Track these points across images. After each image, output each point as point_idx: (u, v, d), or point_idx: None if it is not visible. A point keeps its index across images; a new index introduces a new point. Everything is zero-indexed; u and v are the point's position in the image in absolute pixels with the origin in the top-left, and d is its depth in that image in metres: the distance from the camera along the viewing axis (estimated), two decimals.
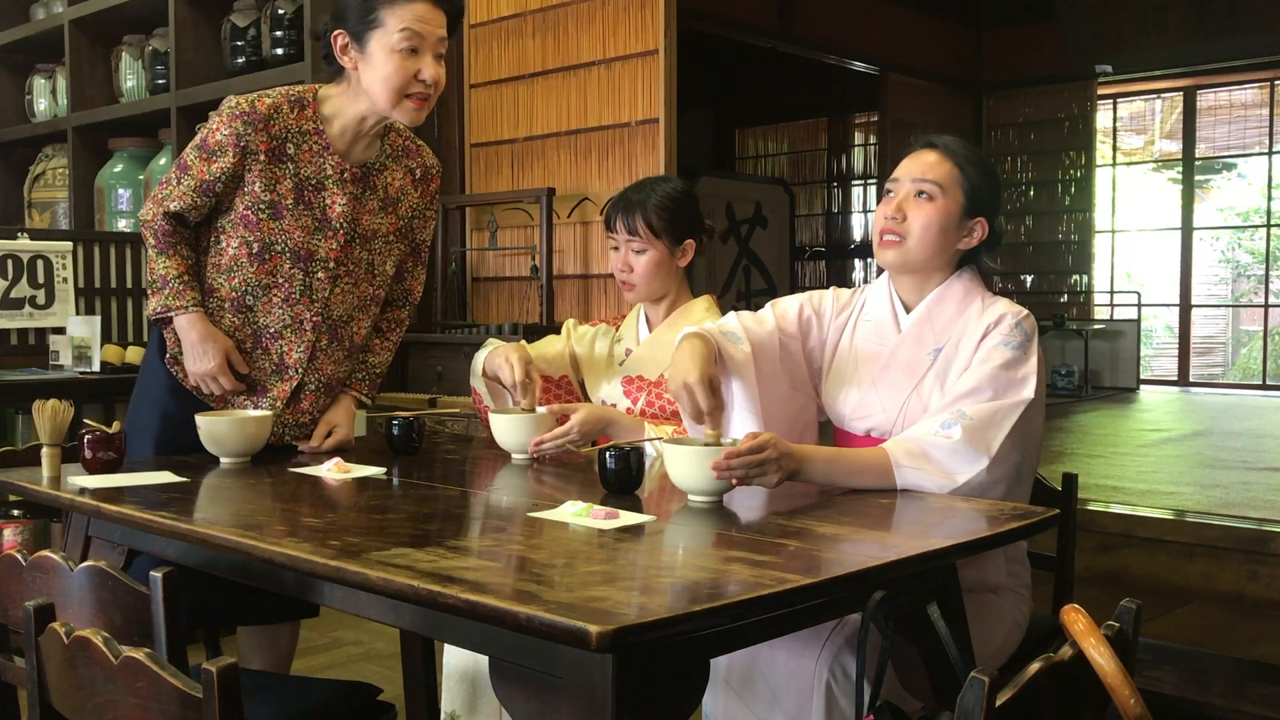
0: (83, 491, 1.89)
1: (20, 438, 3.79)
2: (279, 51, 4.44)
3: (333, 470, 2.06)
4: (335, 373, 2.43)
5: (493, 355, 2.32)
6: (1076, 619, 1.22)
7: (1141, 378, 9.78)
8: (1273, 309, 10.40)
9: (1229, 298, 11.09)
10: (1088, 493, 4.01)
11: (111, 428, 2.07)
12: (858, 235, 10.95)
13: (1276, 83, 9.89)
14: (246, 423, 2.19)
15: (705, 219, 2.48)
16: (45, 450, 2.03)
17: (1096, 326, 9.70)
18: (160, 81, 4.94)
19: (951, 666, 1.60)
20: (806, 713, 1.79)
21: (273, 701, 1.86)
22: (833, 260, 11.06)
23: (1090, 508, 3.62)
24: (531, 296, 4.80)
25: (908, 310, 2.06)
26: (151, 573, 1.38)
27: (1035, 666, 1.12)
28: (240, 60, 4.64)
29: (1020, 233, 10.34)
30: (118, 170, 5.14)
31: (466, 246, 5.10)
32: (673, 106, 4.36)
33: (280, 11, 4.43)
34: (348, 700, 1.91)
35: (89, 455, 2.02)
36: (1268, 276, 10.45)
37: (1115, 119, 10.85)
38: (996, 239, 2.06)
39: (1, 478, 2.06)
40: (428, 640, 2.44)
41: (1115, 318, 10.21)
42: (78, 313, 4.31)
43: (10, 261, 4.17)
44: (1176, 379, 10.44)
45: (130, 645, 1.18)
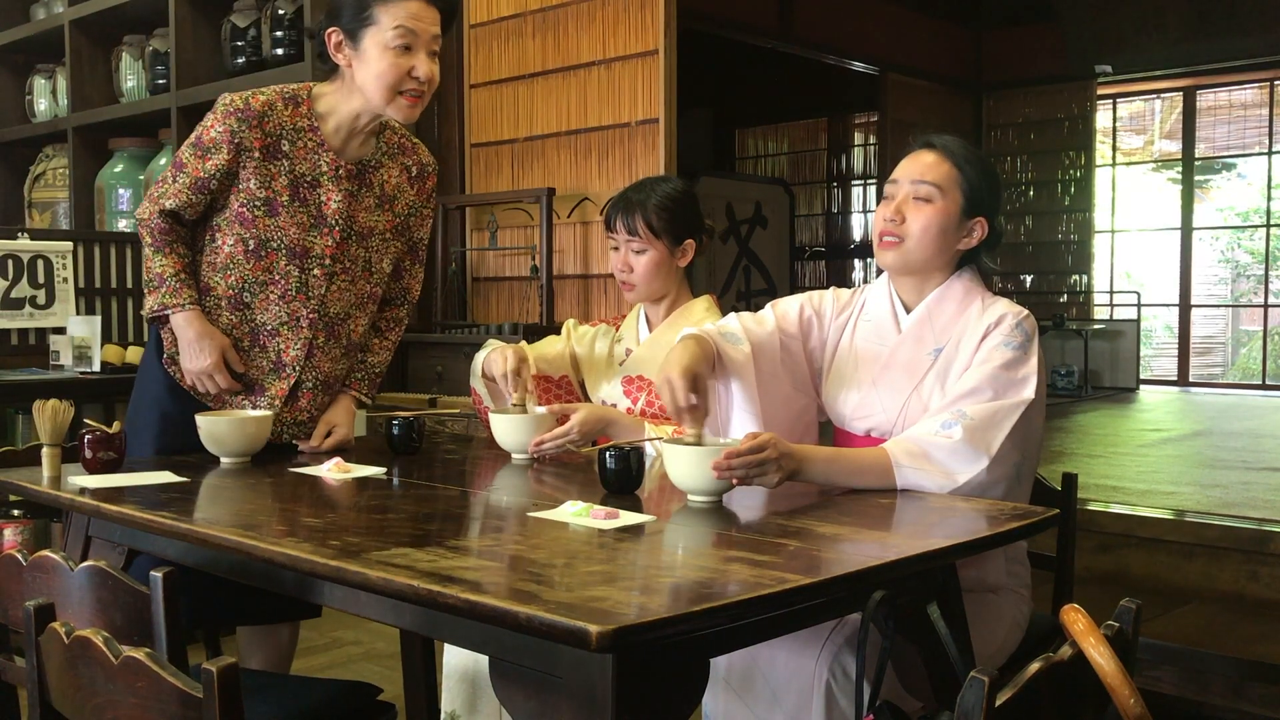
0: (83, 491, 1.89)
1: (20, 438, 3.79)
2: (279, 51, 4.44)
3: (333, 470, 2.06)
4: (333, 371, 2.43)
5: (491, 355, 2.33)
6: (1076, 619, 1.22)
7: (1141, 378, 9.79)
8: (1272, 309, 10.40)
9: (1229, 298, 11.09)
10: (1088, 493, 4.01)
11: (111, 428, 2.07)
12: (858, 235, 10.95)
13: (1276, 83, 9.90)
14: (246, 423, 2.19)
15: (705, 219, 2.48)
16: (45, 450, 2.03)
17: (1096, 326, 9.70)
18: (160, 81, 4.95)
19: (951, 666, 1.60)
20: (806, 713, 1.79)
21: (273, 701, 1.86)
22: (833, 260, 11.06)
23: (1090, 508, 3.62)
24: (531, 296, 4.80)
25: (908, 310, 2.06)
26: (151, 573, 1.38)
27: (1035, 666, 1.12)
28: (240, 60, 4.64)
29: (1020, 233, 10.35)
30: (118, 170, 5.14)
31: (466, 246, 5.10)
32: (673, 106, 4.36)
33: (280, 11, 4.43)
34: (348, 700, 1.91)
35: (89, 455, 2.02)
36: (1267, 276, 10.45)
37: (1115, 119, 10.85)
38: (996, 238, 2.05)
39: (1, 478, 2.06)
40: (428, 640, 2.44)
41: (1115, 318, 10.21)
42: (78, 313, 4.31)
43: (10, 261, 4.17)
44: (1176, 379, 10.44)
45: (130, 645, 1.18)
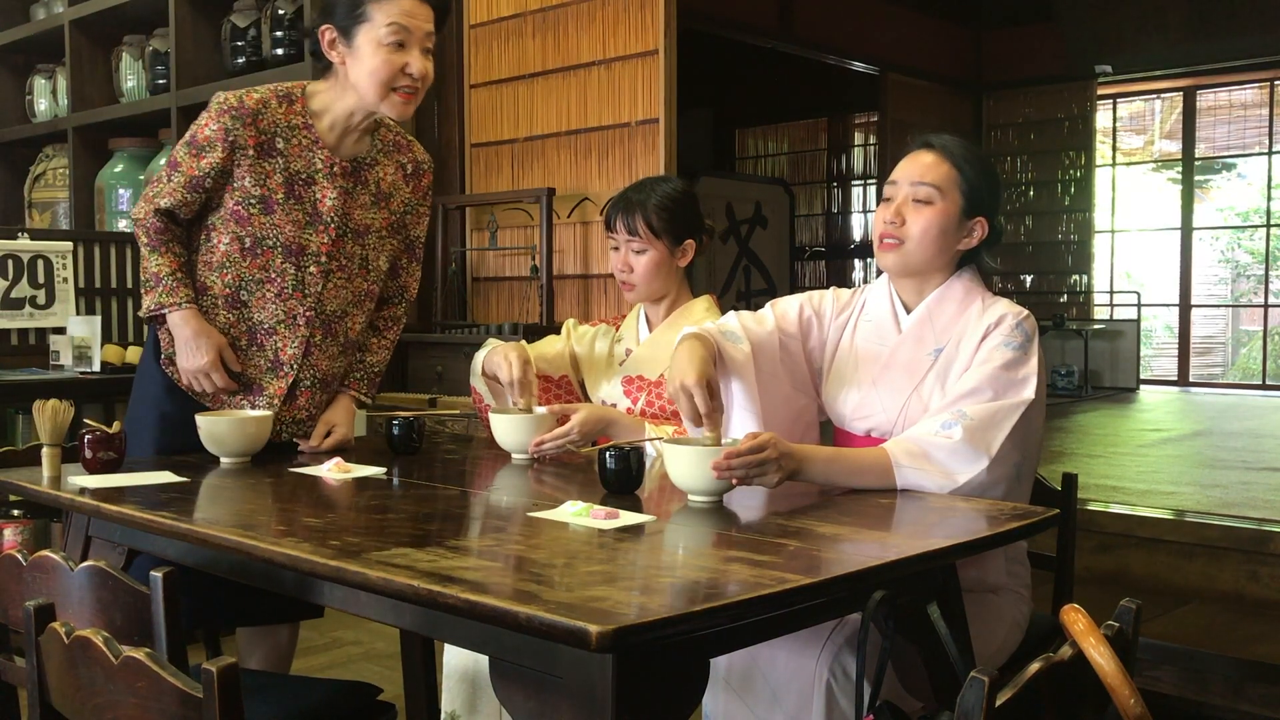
0: (83, 491, 1.89)
1: (20, 438, 3.79)
2: (279, 51, 4.45)
3: (333, 470, 2.06)
4: (330, 369, 2.43)
5: (492, 354, 2.33)
6: (1076, 619, 1.22)
7: (1141, 378, 9.78)
8: (1272, 309, 10.40)
9: (1229, 298, 11.09)
10: (1088, 493, 4.01)
11: (111, 428, 2.07)
12: (858, 235, 10.95)
13: (1276, 83, 9.90)
14: (247, 423, 2.19)
15: (705, 219, 2.48)
16: (45, 450, 2.03)
17: (1096, 326, 9.70)
18: (160, 81, 4.95)
19: (951, 666, 1.60)
20: (806, 713, 1.79)
21: (273, 701, 1.86)
22: (833, 260, 11.06)
23: (1090, 508, 3.63)
24: (531, 296, 4.80)
25: (908, 310, 2.06)
26: (151, 573, 1.38)
27: (1035, 666, 1.12)
28: (240, 60, 4.64)
29: (1020, 233, 10.34)
30: (118, 170, 5.14)
31: (466, 246, 5.10)
32: (673, 106, 4.36)
33: (280, 11, 4.43)
34: (348, 700, 1.91)
35: (89, 455, 2.02)
36: (1267, 276, 10.45)
37: (1115, 119, 10.85)
38: (996, 237, 2.05)
39: (1, 478, 2.06)
40: (428, 640, 2.44)
41: (1115, 318, 10.21)
42: (78, 313, 4.31)
43: (10, 261, 4.17)
44: (1176, 379, 10.44)
45: (130, 645, 1.18)
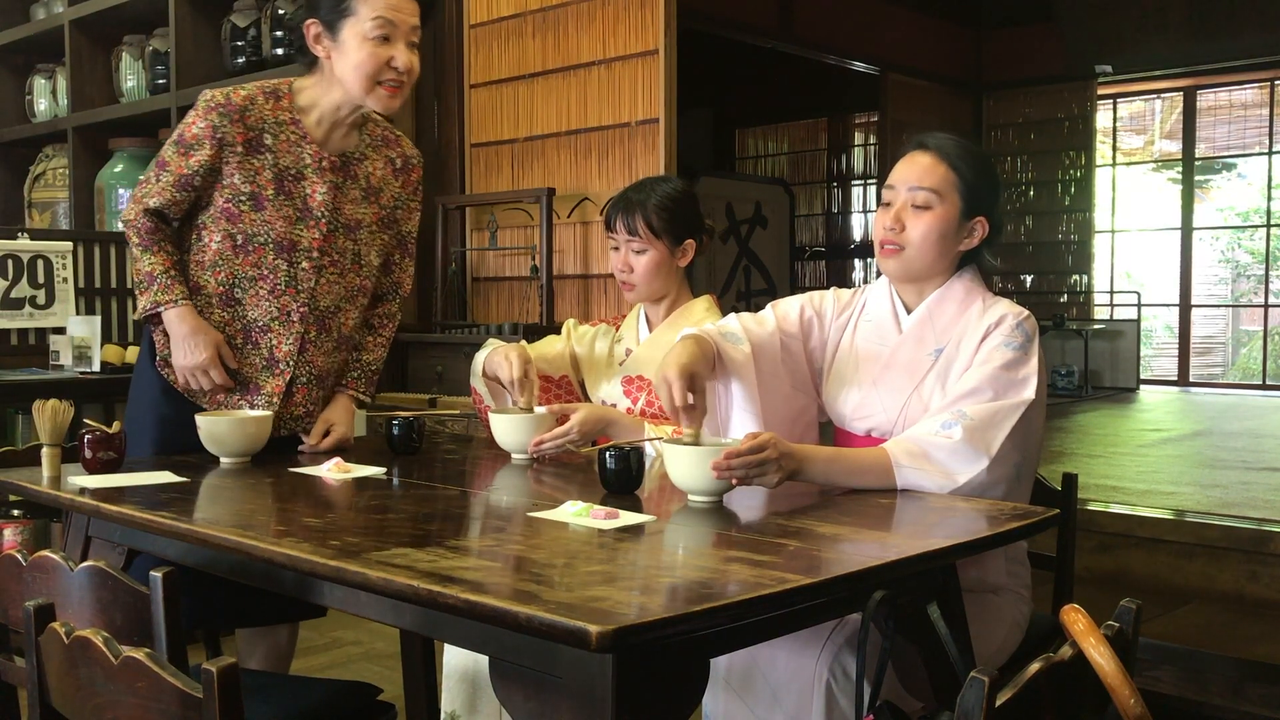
0: (83, 491, 1.89)
1: (20, 438, 3.79)
2: (279, 51, 4.45)
3: (333, 470, 2.06)
4: (326, 365, 2.42)
5: (493, 355, 2.33)
6: (1076, 619, 1.22)
7: (1141, 378, 9.78)
8: (1273, 309, 10.40)
9: (1229, 298, 11.09)
10: (1088, 493, 4.01)
11: (111, 428, 2.07)
12: (858, 235, 10.95)
13: (1276, 83, 9.89)
14: (246, 423, 2.19)
15: (705, 219, 2.48)
16: (45, 450, 2.03)
17: (1096, 326, 9.69)
18: (160, 81, 4.95)
19: (951, 666, 1.60)
20: (806, 713, 1.79)
21: (273, 701, 1.86)
22: (833, 260, 11.06)
23: (1090, 508, 3.62)
24: (531, 296, 4.80)
25: (908, 311, 2.05)
26: (151, 573, 1.38)
27: (1035, 666, 1.12)
28: (240, 60, 4.64)
29: (1020, 233, 10.34)
30: (118, 170, 5.14)
31: (466, 246, 5.10)
32: (673, 106, 4.36)
33: (280, 11, 4.43)
34: (348, 700, 1.91)
35: (89, 455, 2.02)
36: (1267, 276, 10.45)
37: (1115, 119, 10.85)
38: (997, 232, 2.05)
39: (1, 478, 2.06)
40: (428, 640, 2.43)
41: (1115, 318, 10.21)
42: (78, 313, 4.31)
43: (10, 261, 4.17)
44: (1176, 379, 10.44)
45: (130, 645, 1.18)
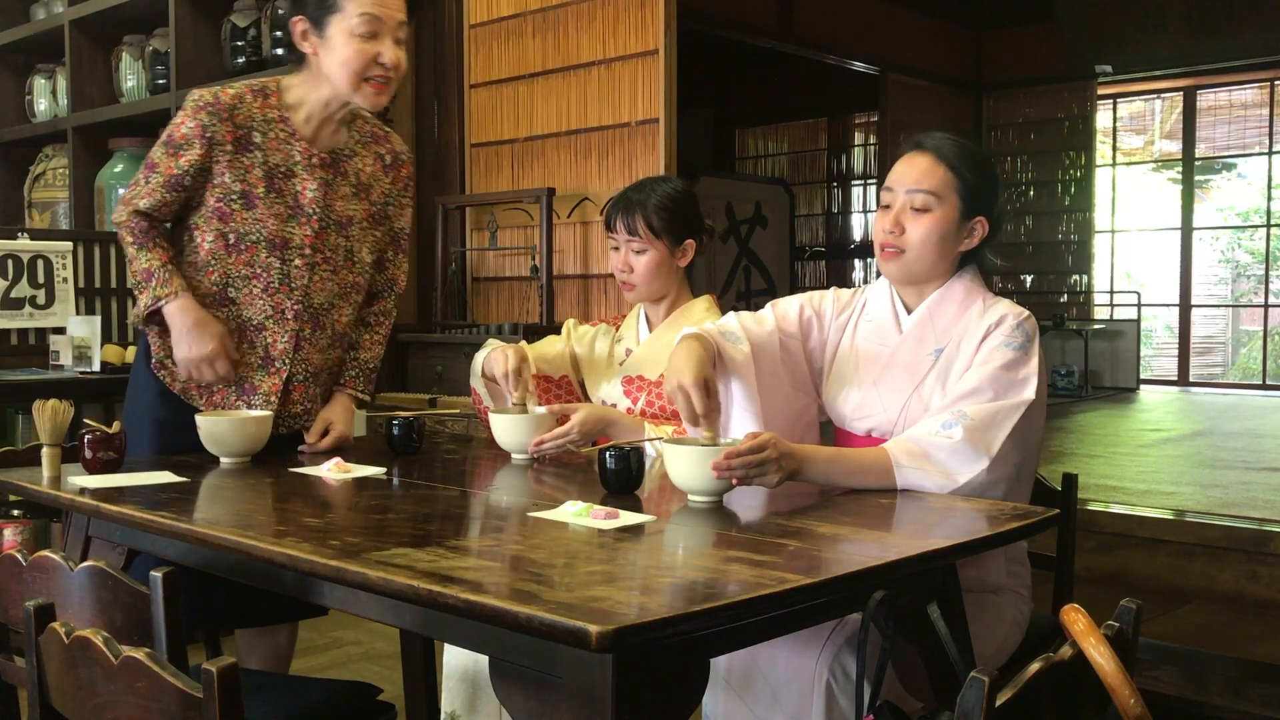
0: (83, 491, 1.89)
1: (20, 438, 3.79)
2: (279, 51, 4.45)
3: (333, 470, 2.06)
4: (321, 362, 2.42)
5: (491, 354, 2.33)
6: (1076, 619, 1.22)
7: (1141, 378, 9.78)
8: (1273, 309, 10.40)
9: (1229, 298, 11.09)
10: (1088, 493, 4.01)
11: (111, 428, 2.07)
12: (858, 235, 10.95)
13: (1276, 83, 9.89)
14: (246, 423, 2.19)
15: (705, 219, 2.48)
16: (45, 450, 2.03)
17: (1096, 326, 9.69)
18: (160, 81, 4.94)
19: (951, 666, 1.60)
20: (806, 713, 1.79)
21: (273, 701, 1.86)
22: (833, 260, 11.06)
23: (1090, 508, 3.62)
24: (531, 296, 4.80)
25: (909, 311, 2.05)
26: (151, 573, 1.38)
27: (1035, 666, 1.12)
28: (240, 60, 4.64)
29: (1020, 233, 10.34)
30: (118, 170, 5.14)
31: (466, 246, 5.10)
32: (673, 106, 4.36)
33: (280, 11, 4.43)
34: (348, 700, 1.91)
35: (89, 455, 2.02)
36: (1267, 276, 10.45)
37: (1115, 119, 10.85)
38: (997, 229, 2.04)
39: (1, 478, 2.06)
40: (428, 640, 2.43)
41: (1115, 318, 10.21)
42: (78, 313, 4.31)
43: (10, 261, 4.17)
44: (1176, 379, 10.44)
45: (130, 645, 1.18)
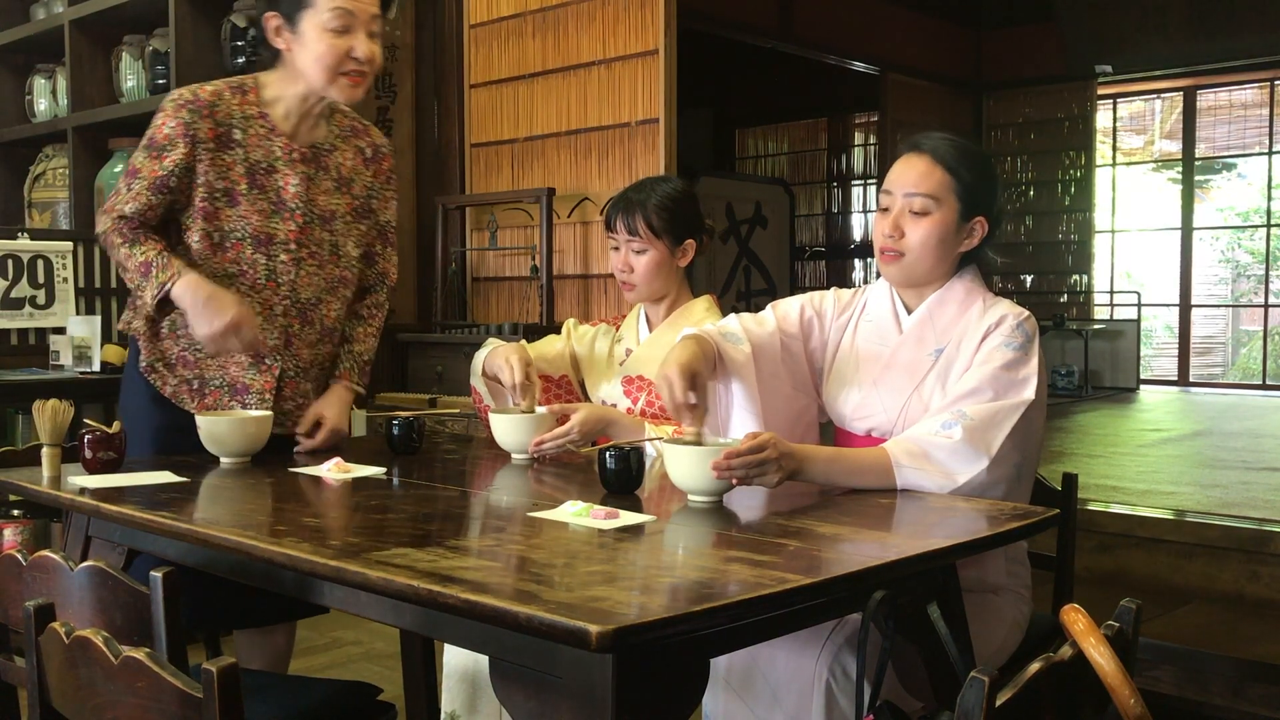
0: (83, 491, 1.89)
1: (20, 438, 3.79)
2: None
3: (333, 470, 2.06)
4: (311, 357, 2.42)
5: (493, 355, 2.32)
6: (1076, 619, 1.22)
7: (1141, 378, 9.78)
8: (1273, 309, 10.40)
9: (1229, 298, 11.09)
10: (1088, 493, 4.01)
11: (111, 428, 2.07)
12: (858, 235, 10.95)
13: (1276, 83, 9.89)
14: (247, 423, 2.19)
15: (705, 219, 2.48)
16: (45, 450, 2.03)
17: (1096, 326, 9.70)
18: (160, 81, 4.94)
19: (951, 666, 1.60)
20: (806, 713, 1.79)
21: (272, 701, 1.86)
22: (833, 260, 11.06)
23: (1090, 508, 3.63)
24: (531, 296, 4.80)
25: (909, 311, 2.05)
26: (151, 573, 1.38)
27: (1035, 666, 1.12)
28: (240, 60, 4.64)
29: (1020, 233, 10.35)
30: (118, 170, 5.13)
31: (466, 246, 5.10)
32: (673, 106, 4.36)
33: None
34: (348, 700, 1.90)
35: (89, 455, 2.02)
36: (1268, 276, 10.45)
37: (1115, 119, 10.85)
38: (996, 227, 2.04)
39: (1, 478, 2.06)
40: (428, 640, 2.43)
41: (1115, 318, 10.21)
42: (78, 313, 4.31)
43: (10, 261, 4.17)
44: (1176, 379, 10.44)
45: (130, 645, 1.18)
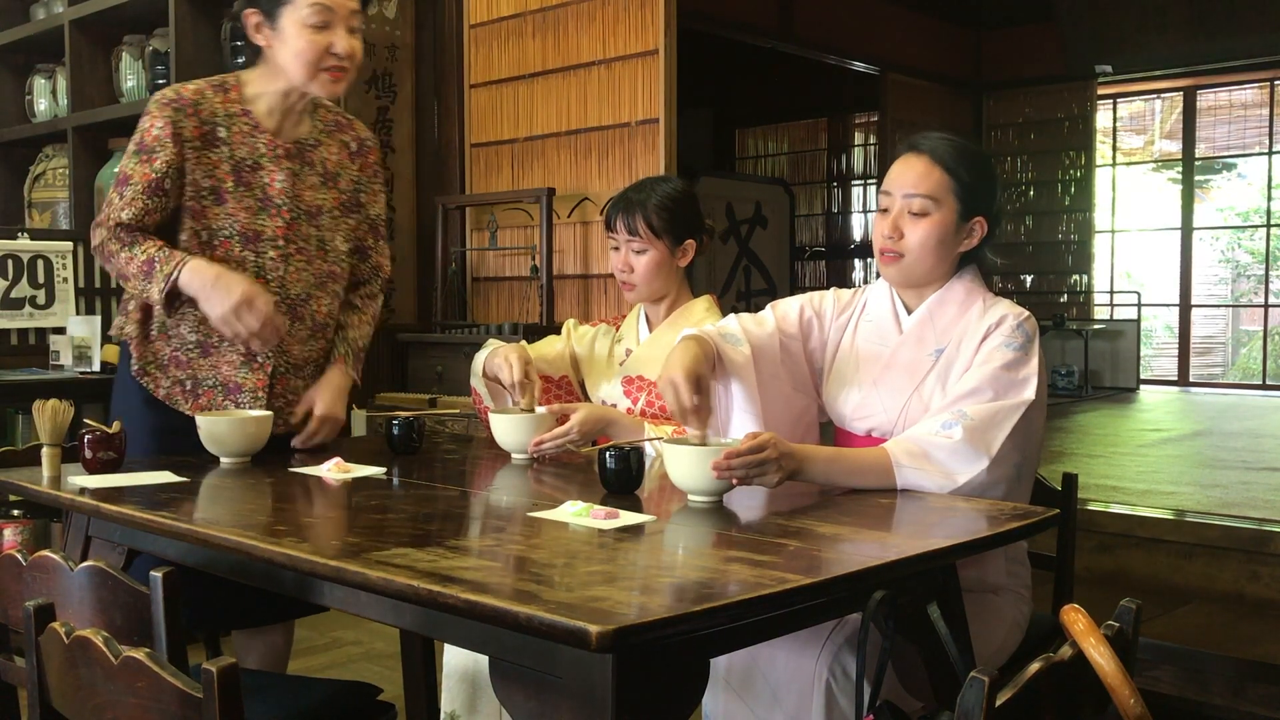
0: (83, 491, 1.89)
1: (20, 438, 3.79)
2: None
3: (333, 470, 2.06)
4: (302, 353, 2.42)
5: (493, 355, 2.33)
6: (1076, 619, 1.22)
7: (1141, 378, 9.78)
8: (1273, 309, 10.40)
9: (1229, 298, 11.09)
10: (1088, 493, 4.01)
11: (111, 428, 2.07)
12: (858, 235, 10.95)
13: (1276, 83, 9.90)
14: (246, 423, 2.18)
15: (705, 219, 2.48)
16: (45, 450, 2.03)
17: (1096, 326, 9.70)
18: (160, 81, 4.93)
19: (951, 666, 1.60)
20: (806, 713, 1.79)
21: (272, 701, 1.86)
22: (833, 260, 11.06)
23: (1090, 508, 3.63)
24: (531, 296, 4.80)
25: (909, 311, 2.05)
26: (151, 573, 1.38)
27: (1035, 666, 1.12)
28: (240, 60, 4.63)
29: (1020, 233, 10.35)
30: (118, 170, 5.13)
31: (466, 246, 5.10)
32: (673, 106, 4.36)
33: None
34: (348, 700, 1.91)
35: (89, 455, 2.02)
36: (1267, 276, 10.45)
37: (1115, 119, 10.85)
38: (996, 226, 2.04)
39: (1, 478, 2.06)
40: (428, 640, 2.43)
41: (1115, 318, 10.21)
42: (78, 313, 4.31)
43: (10, 261, 4.17)
44: (1176, 379, 10.44)
45: (130, 645, 1.18)
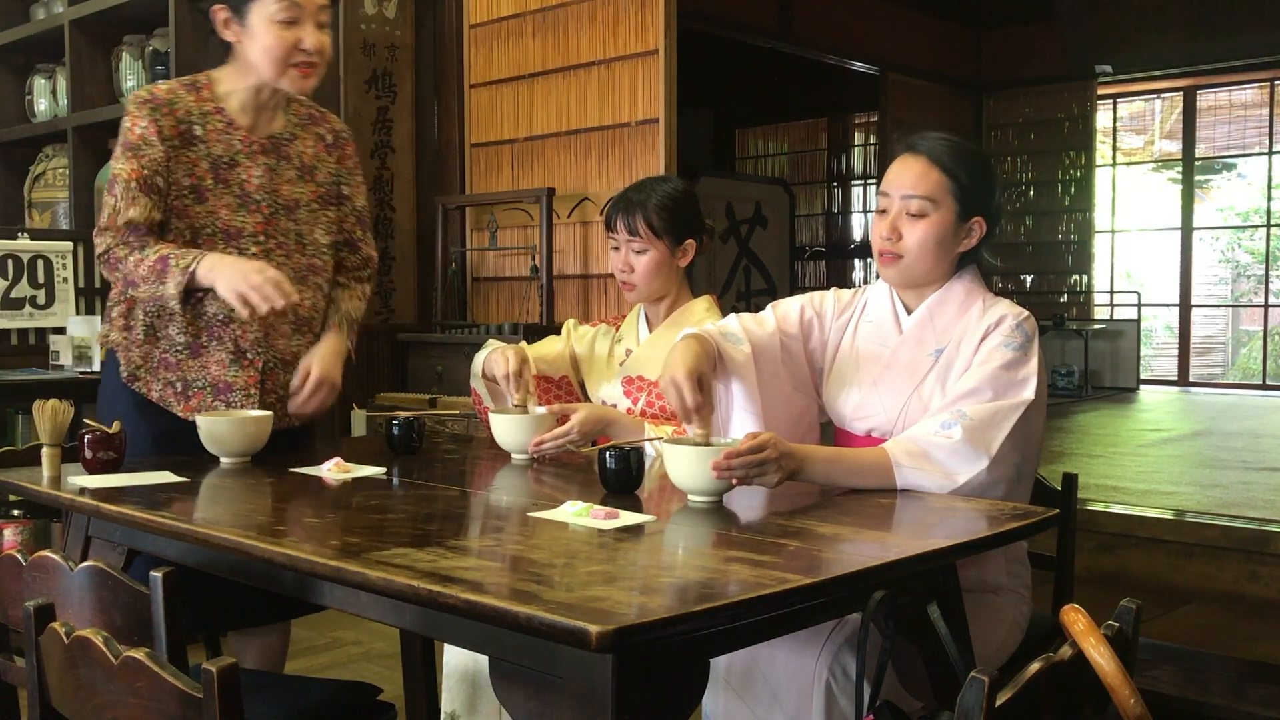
0: (83, 491, 1.89)
1: (20, 438, 3.79)
2: None
3: (333, 470, 2.06)
4: (288, 348, 2.42)
5: (491, 355, 2.33)
6: (1076, 619, 1.22)
7: (1141, 378, 9.78)
8: (1273, 309, 10.40)
9: (1229, 298, 11.09)
10: (1088, 493, 4.01)
11: (112, 428, 2.07)
12: (858, 235, 10.95)
13: (1276, 83, 9.90)
14: (246, 423, 2.19)
15: (705, 219, 2.48)
16: (45, 450, 2.03)
17: (1096, 326, 9.70)
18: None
19: (951, 666, 1.60)
20: (806, 713, 1.79)
21: (272, 701, 1.86)
22: (833, 260, 11.06)
23: (1090, 508, 3.63)
24: (531, 296, 4.80)
25: (909, 311, 2.05)
26: (151, 573, 1.38)
27: (1035, 666, 1.12)
28: None
29: (1020, 233, 10.35)
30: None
31: (466, 246, 5.10)
32: (673, 106, 4.36)
33: None
34: (347, 700, 1.91)
35: (89, 455, 2.02)
36: (1267, 276, 10.45)
37: (1115, 119, 10.85)
38: (995, 226, 2.04)
39: (1, 478, 2.06)
40: (428, 640, 2.43)
41: (1115, 318, 10.21)
42: (78, 313, 4.31)
43: (10, 261, 4.17)
44: (1176, 379, 10.44)
45: (130, 645, 1.18)
